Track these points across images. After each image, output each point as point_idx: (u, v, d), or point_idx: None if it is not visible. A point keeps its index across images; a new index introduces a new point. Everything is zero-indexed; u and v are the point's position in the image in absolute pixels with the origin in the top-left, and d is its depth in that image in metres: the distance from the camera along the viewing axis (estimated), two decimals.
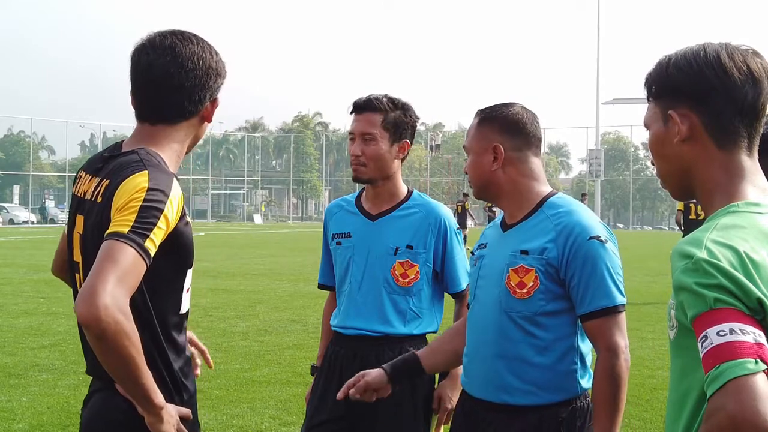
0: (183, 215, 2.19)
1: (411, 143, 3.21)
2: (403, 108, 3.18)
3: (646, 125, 1.71)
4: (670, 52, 1.66)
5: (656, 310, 12.48)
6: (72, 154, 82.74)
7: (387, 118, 3.13)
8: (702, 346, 1.38)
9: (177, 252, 2.20)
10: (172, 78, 2.24)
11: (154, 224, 2.05)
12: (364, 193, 3.28)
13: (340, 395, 2.72)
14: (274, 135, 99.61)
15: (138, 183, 2.09)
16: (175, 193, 2.13)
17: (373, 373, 2.72)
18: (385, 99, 3.17)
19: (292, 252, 26.38)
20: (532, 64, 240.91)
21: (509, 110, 2.62)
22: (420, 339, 3.15)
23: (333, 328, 3.25)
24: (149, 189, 2.08)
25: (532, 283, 2.46)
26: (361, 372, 2.75)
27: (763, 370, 1.33)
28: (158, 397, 2.06)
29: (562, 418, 2.48)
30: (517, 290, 2.47)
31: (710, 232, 1.48)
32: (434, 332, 3.18)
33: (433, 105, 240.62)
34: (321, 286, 3.45)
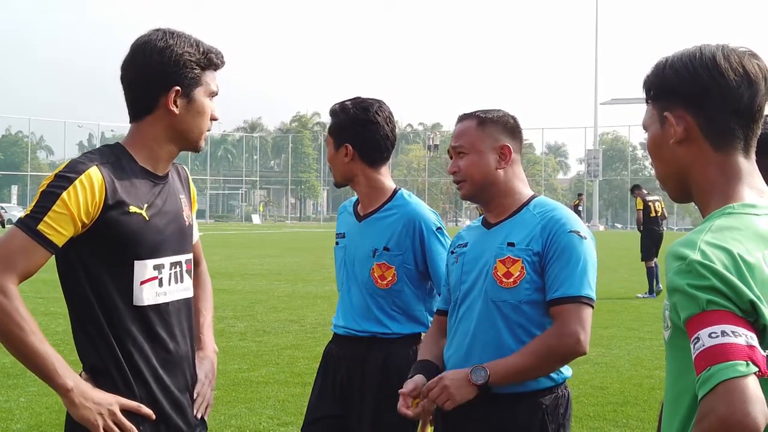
0: (117, 204, 2.20)
1: (363, 143, 3.13)
2: (349, 111, 3.15)
3: (645, 127, 1.72)
4: (668, 53, 1.67)
5: (654, 309, 12.48)
6: (70, 154, 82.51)
7: (331, 125, 3.21)
8: (694, 347, 1.38)
9: (113, 242, 2.21)
10: (126, 76, 2.32)
11: (49, 208, 2.11)
12: None
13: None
14: (272, 135, 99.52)
15: (54, 171, 2.19)
16: (88, 180, 2.16)
17: (419, 380, 2.68)
18: (338, 105, 3.20)
19: (291, 252, 26.38)
20: (530, 64, 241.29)
21: (507, 113, 2.76)
22: (409, 339, 3.15)
23: (332, 328, 3.29)
24: (56, 176, 2.16)
25: (518, 273, 2.58)
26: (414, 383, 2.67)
27: (754, 373, 1.33)
28: (62, 378, 2.10)
29: (545, 406, 2.60)
30: (504, 280, 2.59)
31: (704, 234, 1.48)
32: (423, 332, 3.19)
33: (432, 105, 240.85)
34: None
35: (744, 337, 1.36)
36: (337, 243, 3.30)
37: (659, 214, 15.45)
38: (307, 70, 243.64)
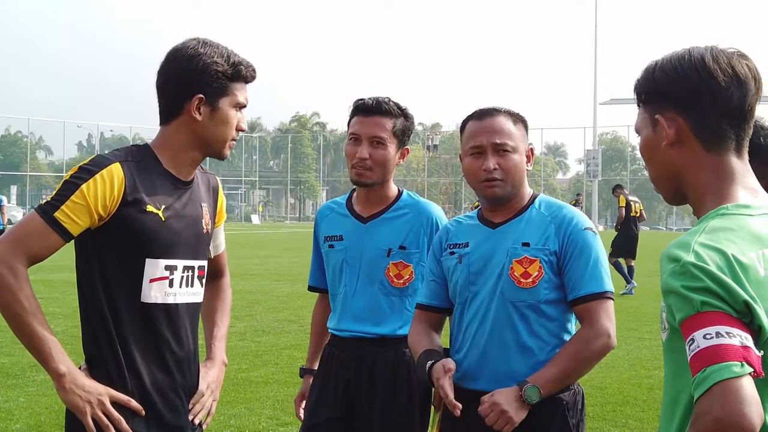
0: (135, 202, 2.26)
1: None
2: (406, 114, 3.15)
3: (637, 131, 1.73)
4: (658, 57, 1.68)
5: (653, 310, 12.48)
6: (69, 155, 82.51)
7: (396, 125, 3.11)
8: (689, 349, 1.39)
9: (127, 237, 2.27)
10: (157, 80, 2.39)
11: (67, 197, 2.19)
12: (355, 195, 3.25)
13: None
14: (271, 135, 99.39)
15: (80, 164, 2.26)
16: (108, 175, 2.23)
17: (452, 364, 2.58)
18: (393, 104, 3.13)
19: (290, 252, 26.36)
20: (529, 64, 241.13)
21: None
22: None
23: (330, 330, 3.24)
24: (80, 168, 2.24)
25: (536, 273, 2.59)
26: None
27: (749, 373, 1.34)
28: (56, 363, 2.17)
29: (566, 402, 2.61)
30: (522, 280, 2.59)
31: (699, 236, 1.49)
32: None
33: (431, 105, 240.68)
34: (311, 288, 3.44)
35: (738, 337, 1.36)
36: (332, 246, 3.21)
37: (638, 215, 16.09)
38: (306, 70, 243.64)
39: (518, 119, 2.70)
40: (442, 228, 2.88)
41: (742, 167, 1.62)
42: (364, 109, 3.12)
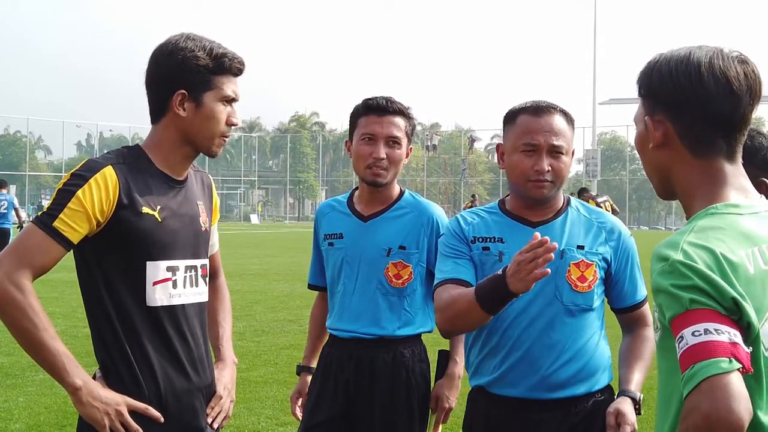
0: (130, 204, 2.22)
1: None
2: (410, 113, 3.15)
3: (635, 122, 1.72)
4: (665, 50, 1.65)
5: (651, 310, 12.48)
6: (68, 154, 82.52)
7: (408, 124, 3.12)
8: (679, 346, 1.40)
9: (125, 241, 2.23)
10: (145, 79, 2.35)
11: (64, 205, 2.15)
12: (356, 194, 3.23)
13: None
14: (270, 135, 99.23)
15: (71, 170, 2.22)
16: (102, 179, 2.19)
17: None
18: (404, 106, 3.12)
19: (289, 252, 26.34)
20: (528, 64, 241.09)
21: None
22: (415, 339, 3.13)
23: (329, 330, 3.23)
24: (72, 174, 2.20)
25: (592, 277, 2.57)
26: None
27: (738, 369, 1.34)
28: (71, 377, 2.12)
29: (612, 400, 2.58)
30: (579, 284, 2.56)
31: (687, 235, 1.49)
32: (429, 332, 3.17)
33: (430, 105, 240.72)
34: (311, 287, 3.43)
35: (727, 334, 1.37)
36: (331, 244, 3.19)
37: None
38: (306, 70, 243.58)
39: (570, 119, 2.59)
40: (458, 217, 2.71)
41: (733, 170, 1.61)
42: (378, 109, 3.08)
